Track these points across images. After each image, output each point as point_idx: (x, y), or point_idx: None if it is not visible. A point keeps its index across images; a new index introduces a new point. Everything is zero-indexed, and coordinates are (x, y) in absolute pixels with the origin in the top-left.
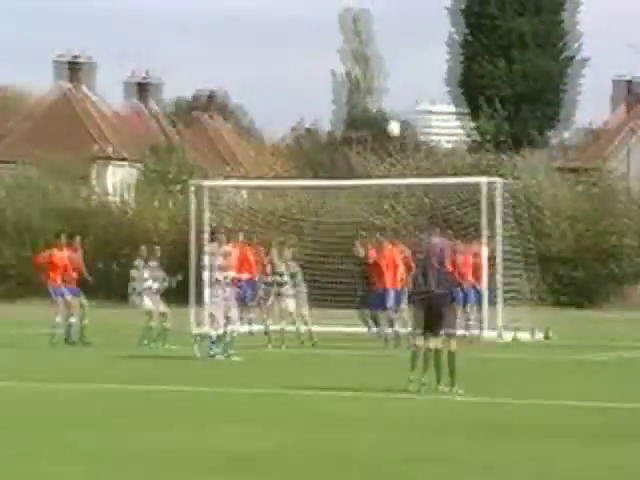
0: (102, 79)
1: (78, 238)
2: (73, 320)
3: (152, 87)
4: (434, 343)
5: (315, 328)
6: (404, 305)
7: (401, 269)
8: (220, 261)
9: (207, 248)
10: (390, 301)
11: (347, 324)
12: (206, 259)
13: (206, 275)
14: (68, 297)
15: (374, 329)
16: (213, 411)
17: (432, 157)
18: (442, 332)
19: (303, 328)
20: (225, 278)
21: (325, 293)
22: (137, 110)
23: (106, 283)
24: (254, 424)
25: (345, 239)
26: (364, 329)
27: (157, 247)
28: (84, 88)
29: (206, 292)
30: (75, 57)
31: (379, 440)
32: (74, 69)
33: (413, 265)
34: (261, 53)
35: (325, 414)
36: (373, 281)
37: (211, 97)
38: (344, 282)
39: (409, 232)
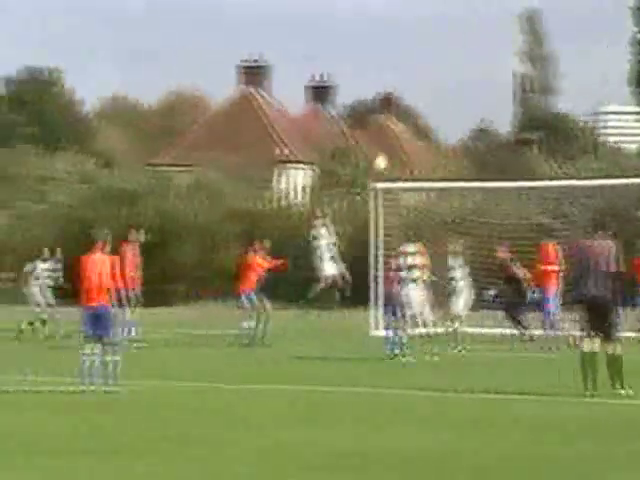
0: (281, 83)
1: (267, 242)
2: (253, 323)
3: (330, 90)
4: (600, 346)
5: (486, 330)
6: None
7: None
8: (419, 260)
9: (407, 248)
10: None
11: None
12: (408, 259)
13: (404, 275)
14: (257, 301)
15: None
16: (372, 412)
17: (609, 157)
18: (606, 335)
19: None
20: (421, 278)
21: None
22: (315, 113)
23: (285, 284)
24: (413, 426)
25: (517, 240)
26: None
27: None
28: (263, 92)
29: (407, 292)
30: (255, 61)
31: (562, 442)
32: (253, 73)
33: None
34: (438, 54)
35: (489, 416)
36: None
37: (388, 99)
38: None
39: (583, 234)
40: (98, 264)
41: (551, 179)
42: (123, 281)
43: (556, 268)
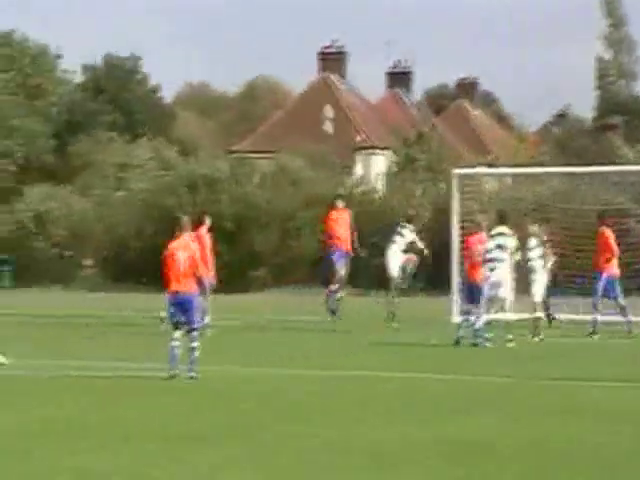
0: (360, 69)
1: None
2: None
3: (409, 76)
4: None
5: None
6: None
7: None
8: (508, 242)
9: (496, 230)
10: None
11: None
12: (497, 241)
13: (492, 256)
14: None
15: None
16: (459, 400)
17: None
18: None
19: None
20: (510, 261)
21: (571, 280)
22: (394, 99)
23: (363, 271)
24: (503, 414)
25: (594, 226)
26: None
27: None
28: (343, 78)
29: (493, 274)
30: (337, 48)
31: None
32: (333, 60)
33: None
34: (519, 39)
35: (581, 404)
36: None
37: (467, 84)
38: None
39: None
40: (183, 249)
41: (633, 164)
42: (204, 267)
43: (612, 254)
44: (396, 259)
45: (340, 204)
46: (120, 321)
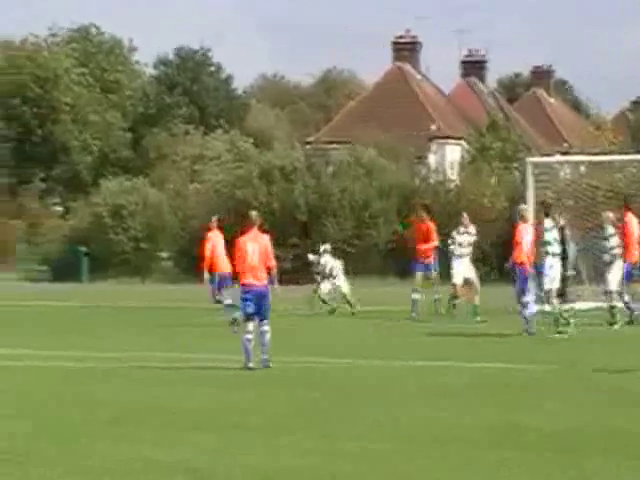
0: (433, 58)
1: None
2: (417, 296)
3: (483, 64)
4: None
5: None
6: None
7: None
8: (553, 235)
9: (548, 223)
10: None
11: None
12: (550, 235)
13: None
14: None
15: None
16: (509, 388)
17: None
18: None
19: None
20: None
21: None
22: (468, 88)
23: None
24: (550, 402)
25: None
26: None
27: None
28: (417, 67)
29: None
30: (410, 37)
31: None
32: (407, 49)
33: None
34: (586, 26)
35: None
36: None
37: (542, 72)
38: None
39: None
40: (252, 241)
41: None
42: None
43: (626, 240)
44: (463, 266)
45: (424, 215)
46: (195, 313)
